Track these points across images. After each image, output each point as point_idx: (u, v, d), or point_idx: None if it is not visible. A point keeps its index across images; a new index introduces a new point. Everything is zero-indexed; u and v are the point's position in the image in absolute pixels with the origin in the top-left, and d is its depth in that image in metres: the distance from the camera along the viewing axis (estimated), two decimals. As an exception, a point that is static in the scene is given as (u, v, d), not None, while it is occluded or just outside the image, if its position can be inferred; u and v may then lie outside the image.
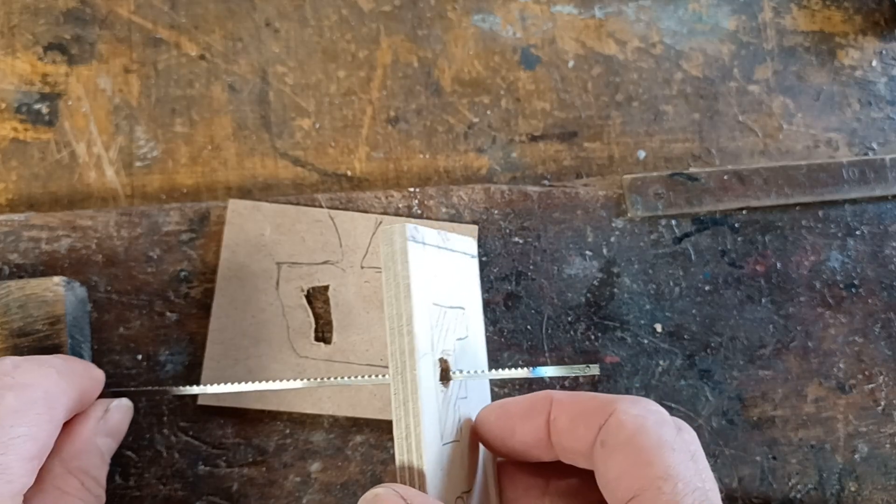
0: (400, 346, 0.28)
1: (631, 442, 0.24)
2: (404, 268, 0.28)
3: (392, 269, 0.28)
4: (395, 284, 0.28)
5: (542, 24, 0.44)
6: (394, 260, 0.28)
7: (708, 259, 0.40)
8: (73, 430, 0.30)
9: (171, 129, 0.41)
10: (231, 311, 0.37)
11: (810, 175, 0.41)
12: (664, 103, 0.44)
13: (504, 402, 0.29)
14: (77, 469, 0.29)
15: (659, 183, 0.40)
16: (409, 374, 0.28)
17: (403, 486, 0.26)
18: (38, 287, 0.33)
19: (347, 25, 0.43)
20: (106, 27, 0.42)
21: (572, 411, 0.26)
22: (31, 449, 0.26)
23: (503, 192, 0.40)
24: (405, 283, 0.28)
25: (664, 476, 0.23)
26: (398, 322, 0.28)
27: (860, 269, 0.41)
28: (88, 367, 0.31)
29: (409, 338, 0.28)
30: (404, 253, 0.28)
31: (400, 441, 0.27)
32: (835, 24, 0.46)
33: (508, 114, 0.43)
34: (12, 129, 0.40)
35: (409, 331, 0.28)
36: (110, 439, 0.31)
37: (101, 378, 0.32)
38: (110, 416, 0.31)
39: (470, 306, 0.33)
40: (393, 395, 0.28)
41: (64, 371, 0.29)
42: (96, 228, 0.37)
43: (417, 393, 0.27)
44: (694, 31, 0.45)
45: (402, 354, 0.28)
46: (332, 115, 0.42)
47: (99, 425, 0.31)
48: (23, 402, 0.27)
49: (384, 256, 0.29)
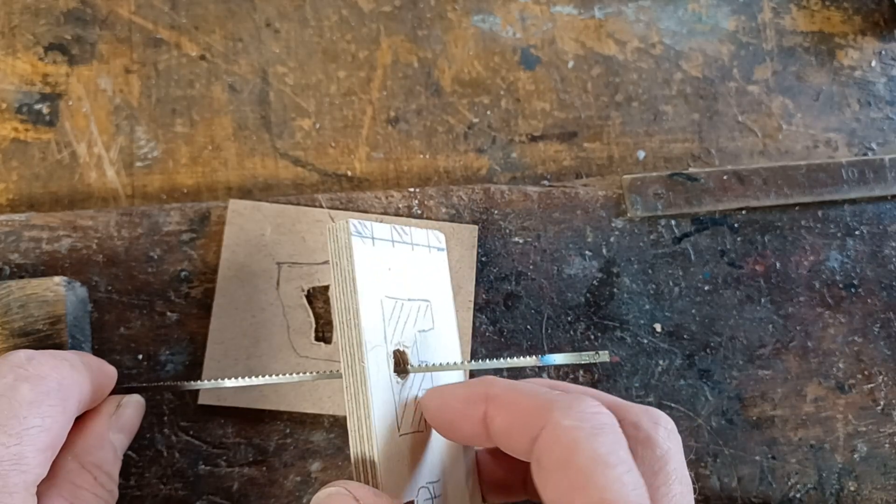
0: (349, 339, 0.28)
1: (565, 463, 0.23)
2: (349, 262, 0.29)
3: (338, 264, 0.29)
4: (341, 279, 0.29)
5: (542, 24, 0.45)
6: (339, 255, 0.29)
7: (707, 259, 0.40)
8: (85, 426, 0.30)
9: (171, 130, 0.41)
10: (231, 310, 0.37)
11: (810, 175, 0.42)
12: (664, 103, 0.44)
13: (443, 390, 0.28)
14: (90, 464, 0.29)
15: (658, 183, 0.41)
16: (359, 367, 0.28)
17: (356, 484, 0.26)
18: (39, 287, 0.33)
19: (348, 26, 0.43)
20: (106, 27, 0.42)
21: (508, 413, 0.25)
22: (44, 440, 0.26)
23: (503, 193, 0.40)
24: (351, 277, 0.29)
25: (599, 500, 0.22)
26: (346, 315, 0.29)
27: (859, 269, 0.41)
28: (101, 363, 0.32)
29: (356, 331, 0.28)
30: (349, 248, 0.29)
31: (353, 433, 0.28)
32: (834, 25, 0.47)
33: (508, 114, 0.43)
34: (13, 129, 0.40)
35: (356, 324, 0.28)
36: (123, 435, 0.31)
37: (114, 374, 0.32)
38: (123, 411, 0.32)
39: (437, 299, 0.34)
40: (345, 388, 0.28)
41: (77, 365, 0.29)
42: (97, 228, 0.37)
43: (367, 384, 0.28)
44: (693, 31, 0.45)
45: (351, 347, 0.28)
46: (333, 115, 0.42)
47: (111, 421, 0.31)
48: (37, 393, 0.27)
49: (330, 253, 0.30)
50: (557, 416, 0.24)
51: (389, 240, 0.32)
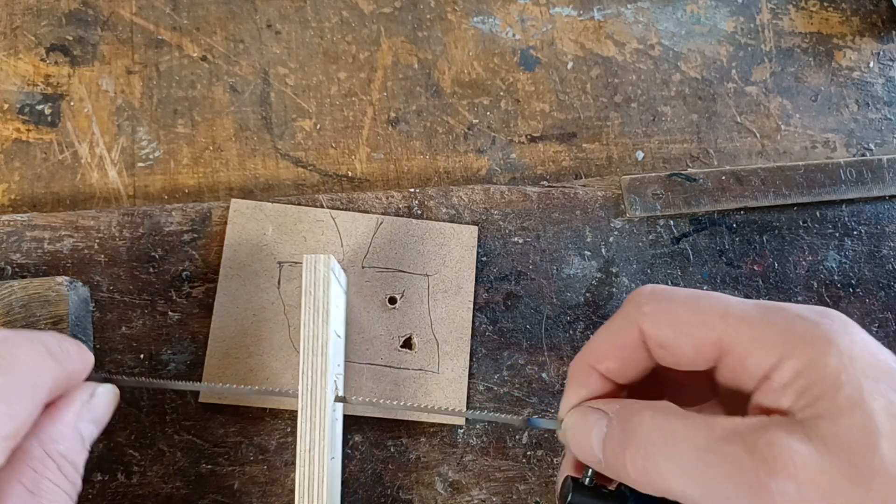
0: (313, 366, 0.31)
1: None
2: (325, 294, 0.31)
3: (313, 293, 0.31)
4: (314, 309, 0.31)
5: (542, 25, 0.45)
6: (315, 286, 0.31)
7: (706, 259, 0.41)
8: (56, 413, 0.29)
9: (173, 130, 0.41)
10: (233, 309, 0.37)
11: (808, 175, 0.42)
12: (662, 104, 0.44)
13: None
14: (56, 453, 0.28)
15: (657, 183, 0.41)
16: (320, 393, 0.30)
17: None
18: (41, 287, 0.33)
19: (348, 27, 0.43)
20: (108, 29, 0.42)
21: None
22: (8, 428, 0.25)
23: (503, 193, 0.40)
24: (325, 308, 0.31)
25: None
26: (314, 343, 0.31)
27: (857, 269, 0.41)
28: (80, 348, 0.30)
29: (322, 359, 0.31)
30: (327, 281, 0.32)
31: (303, 454, 0.30)
32: (832, 26, 0.47)
33: (508, 115, 0.43)
34: (15, 129, 0.40)
35: (323, 352, 0.31)
36: (93, 426, 0.30)
37: (91, 361, 0.31)
38: (96, 401, 0.30)
39: (342, 336, 0.36)
40: (300, 410, 0.30)
41: (55, 350, 0.28)
42: (99, 228, 0.37)
43: (325, 410, 0.30)
44: (692, 32, 0.46)
45: (315, 373, 0.31)
46: (333, 116, 0.42)
47: (83, 410, 0.29)
48: (8, 378, 0.26)
49: (306, 282, 0.32)
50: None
51: (338, 280, 0.34)
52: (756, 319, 0.23)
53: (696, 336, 0.24)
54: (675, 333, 0.24)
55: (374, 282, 0.38)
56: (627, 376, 0.26)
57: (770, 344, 0.22)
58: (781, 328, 0.22)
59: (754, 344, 0.23)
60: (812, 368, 0.21)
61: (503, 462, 0.37)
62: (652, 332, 0.24)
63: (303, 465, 0.30)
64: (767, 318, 0.23)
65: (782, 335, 0.22)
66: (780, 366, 0.22)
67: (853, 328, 0.22)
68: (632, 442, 0.23)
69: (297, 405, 0.30)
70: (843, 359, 0.21)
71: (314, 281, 0.31)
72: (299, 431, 0.30)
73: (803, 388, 0.21)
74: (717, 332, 0.23)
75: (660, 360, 0.25)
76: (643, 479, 0.22)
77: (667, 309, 0.24)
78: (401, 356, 0.37)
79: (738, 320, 0.23)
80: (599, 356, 0.26)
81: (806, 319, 0.22)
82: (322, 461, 0.30)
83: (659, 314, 0.24)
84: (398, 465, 0.37)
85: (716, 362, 0.24)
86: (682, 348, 0.24)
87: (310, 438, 0.30)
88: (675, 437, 0.22)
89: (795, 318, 0.23)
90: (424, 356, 0.37)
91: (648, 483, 0.22)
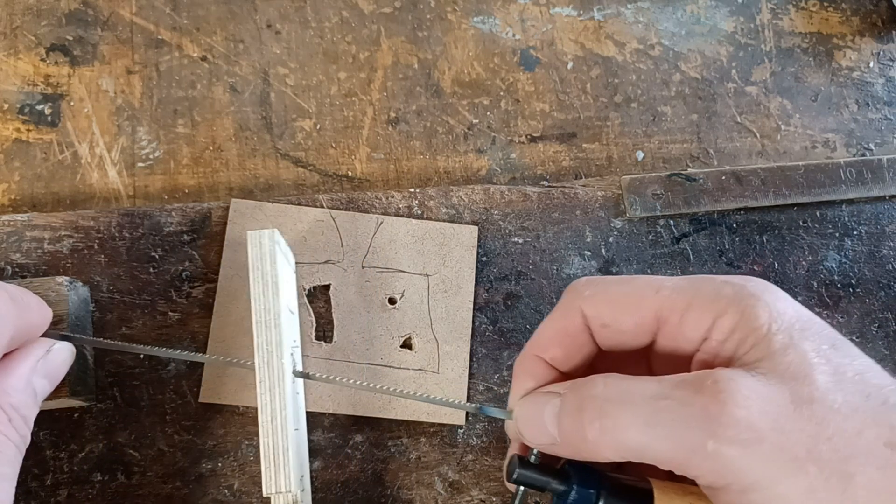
0: (267, 339, 0.31)
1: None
2: (273, 268, 0.32)
3: (260, 268, 0.32)
4: (262, 283, 0.31)
5: (542, 25, 0.45)
6: (262, 260, 0.32)
7: (706, 259, 0.41)
8: (10, 366, 0.29)
9: (173, 130, 0.41)
10: (233, 309, 0.37)
11: (808, 175, 0.42)
12: (662, 104, 0.44)
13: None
14: (7, 404, 0.28)
15: (657, 183, 0.41)
16: (277, 364, 0.31)
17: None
18: (41, 287, 0.33)
19: (348, 27, 0.43)
20: (108, 28, 0.42)
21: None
22: None
23: (503, 193, 0.40)
24: (273, 280, 0.31)
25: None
26: (265, 316, 0.31)
27: (857, 269, 0.41)
28: (40, 303, 0.30)
29: (276, 331, 0.31)
30: (273, 255, 0.32)
31: (265, 425, 0.30)
32: (832, 26, 0.47)
33: (508, 115, 0.43)
34: (15, 129, 0.40)
35: (276, 324, 0.31)
36: (47, 381, 0.30)
37: (49, 316, 0.31)
38: (52, 356, 0.30)
39: (295, 312, 0.36)
40: (259, 383, 0.30)
41: (17, 297, 0.28)
42: (99, 229, 0.37)
43: (284, 380, 0.30)
44: (692, 32, 0.46)
45: (270, 346, 0.31)
46: (333, 116, 0.42)
47: (38, 365, 0.29)
48: None
49: (252, 257, 0.32)
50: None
51: (284, 255, 0.34)
52: (688, 289, 0.25)
53: (635, 311, 0.25)
54: (615, 311, 0.26)
55: (374, 282, 0.38)
56: (572, 363, 0.27)
57: (704, 307, 0.24)
58: (712, 293, 0.24)
59: (689, 310, 0.25)
60: (745, 321, 0.24)
61: (503, 462, 0.37)
62: (594, 314, 0.26)
63: (265, 436, 0.30)
64: (697, 287, 0.25)
65: (714, 299, 0.24)
66: (715, 325, 0.24)
67: (774, 288, 0.25)
68: (588, 404, 0.24)
69: (256, 379, 0.31)
70: (772, 311, 0.24)
71: (260, 255, 0.32)
72: (259, 403, 0.30)
73: (740, 340, 0.24)
74: (655, 305, 0.25)
75: (602, 343, 0.27)
76: (601, 436, 0.23)
77: (605, 290, 0.26)
78: (401, 356, 0.37)
79: (671, 291, 0.25)
80: (545, 345, 0.27)
81: (732, 284, 0.25)
82: (286, 430, 0.30)
83: (598, 296, 0.26)
84: (398, 465, 0.37)
85: (654, 335, 0.26)
86: (624, 324, 0.26)
87: (271, 409, 0.30)
88: (629, 391, 0.23)
89: (722, 284, 0.25)
90: (424, 356, 0.37)
91: (606, 442, 0.23)
